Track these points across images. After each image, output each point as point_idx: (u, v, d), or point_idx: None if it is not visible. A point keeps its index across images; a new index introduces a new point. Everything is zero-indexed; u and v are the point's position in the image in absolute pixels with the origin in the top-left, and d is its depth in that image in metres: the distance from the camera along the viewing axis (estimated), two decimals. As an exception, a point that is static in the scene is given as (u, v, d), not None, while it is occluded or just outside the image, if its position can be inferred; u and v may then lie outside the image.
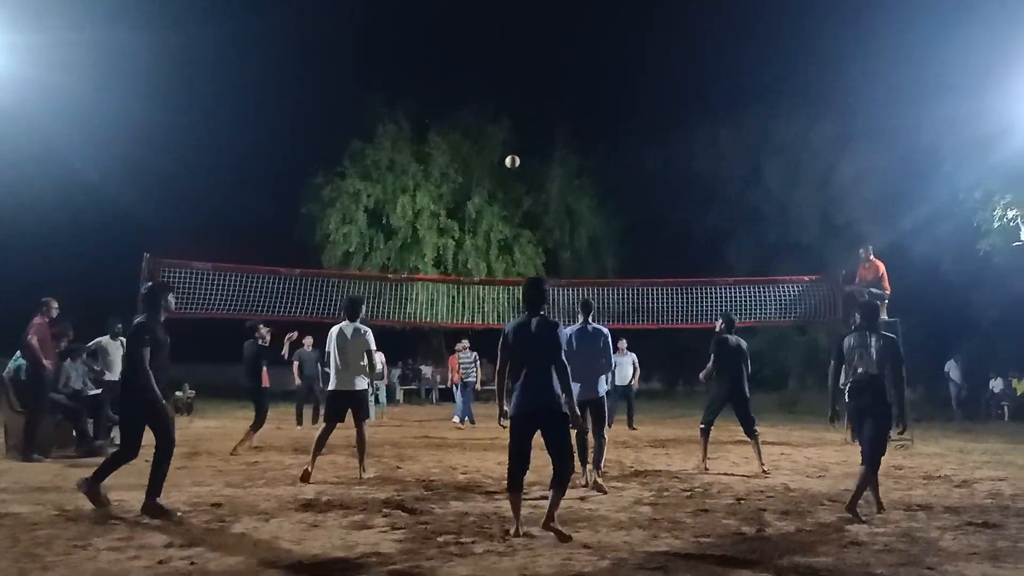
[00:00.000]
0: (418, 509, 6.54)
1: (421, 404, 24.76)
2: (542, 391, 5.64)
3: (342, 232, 24.97)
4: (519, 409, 5.68)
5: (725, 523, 6.18)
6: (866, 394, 6.60)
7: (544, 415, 5.66)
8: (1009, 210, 20.92)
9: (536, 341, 5.72)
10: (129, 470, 6.46)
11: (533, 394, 5.65)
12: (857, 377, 6.68)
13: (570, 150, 28.53)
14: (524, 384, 5.68)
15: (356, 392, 8.49)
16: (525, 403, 5.67)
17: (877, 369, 6.59)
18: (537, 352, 5.70)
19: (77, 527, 5.70)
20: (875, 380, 6.59)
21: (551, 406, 5.64)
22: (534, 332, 5.75)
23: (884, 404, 6.59)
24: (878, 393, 6.58)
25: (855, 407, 6.75)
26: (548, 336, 5.72)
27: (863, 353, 6.66)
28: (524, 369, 5.70)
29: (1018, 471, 9.42)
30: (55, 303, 10.11)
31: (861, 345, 6.71)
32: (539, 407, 5.65)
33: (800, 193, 30.30)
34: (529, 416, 5.67)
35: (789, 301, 14.19)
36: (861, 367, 6.65)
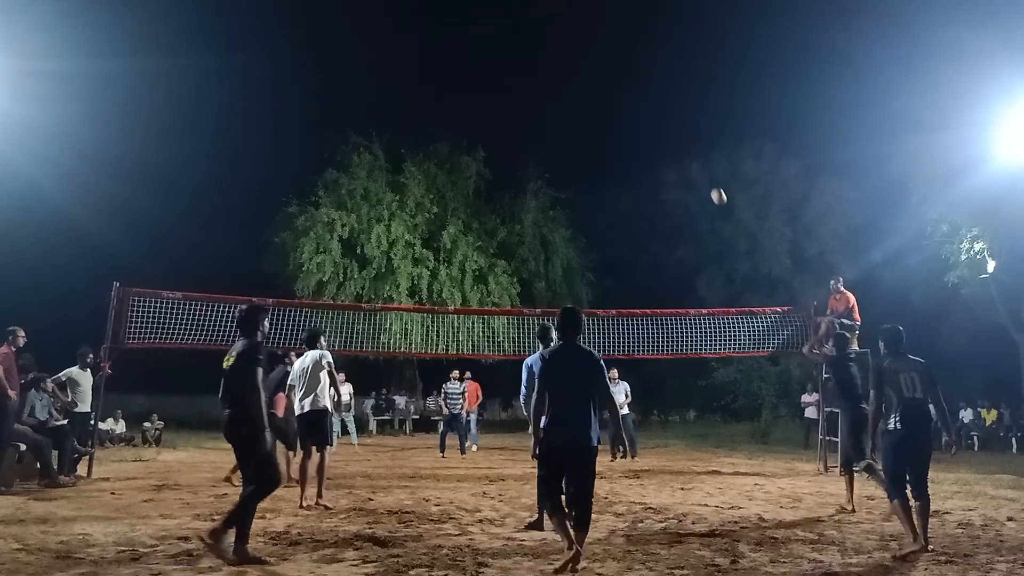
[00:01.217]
0: (390, 541, 6.46)
1: (395, 435, 24.56)
2: (580, 424, 5.48)
3: (316, 261, 24.84)
4: (555, 442, 5.55)
5: (699, 554, 6.15)
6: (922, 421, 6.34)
7: (579, 449, 5.50)
8: (976, 243, 21.32)
9: (576, 372, 5.59)
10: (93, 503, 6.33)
11: (571, 427, 5.49)
12: (907, 403, 6.32)
13: (544, 182, 28.69)
14: (561, 416, 5.52)
15: (318, 412, 8.55)
16: (563, 436, 5.52)
17: (923, 394, 6.38)
18: (577, 384, 5.57)
19: (39, 561, 5.56)
20: (924, 405, 6.39)
21: (587, 441, 5.48)
22: (574, 363, 5.63)
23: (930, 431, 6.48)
24: (929, 420, 6.42)
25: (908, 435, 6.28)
26: (590, 367, 5.62)
27: (908, 378, 6.38)
28: (563, 401, 5.54)
29: (988, 501, 9.48)
30: (22, 332, 9.94)
31: (905, 370, 6.43)
32: (576, 441, 5.49)
33: (770, 226, 30.68)
34: (568, 450, 5.54)
35: (763, 332, 14.26)
36: (908, 392, 6.34)
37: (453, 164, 28.12)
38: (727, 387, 29.22)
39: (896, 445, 6.34)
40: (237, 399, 5.89)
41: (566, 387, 5.57)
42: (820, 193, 30.45)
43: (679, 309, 15.16)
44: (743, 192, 30.89)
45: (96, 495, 9.13)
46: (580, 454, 5.51)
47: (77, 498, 8.86)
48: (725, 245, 31.23)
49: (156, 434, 18.07)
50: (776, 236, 30.70)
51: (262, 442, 5.84)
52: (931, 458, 6.41)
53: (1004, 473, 12.73)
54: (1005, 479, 11.91)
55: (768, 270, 30.65)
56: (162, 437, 18.19)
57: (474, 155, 28.14)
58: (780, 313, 14.56)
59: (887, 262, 26.55)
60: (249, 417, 5.84)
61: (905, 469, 6.33)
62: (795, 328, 14.22)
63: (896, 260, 26.07)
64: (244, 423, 5.85)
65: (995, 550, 6.35)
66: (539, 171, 28.63)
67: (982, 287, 22.53)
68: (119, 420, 17.97)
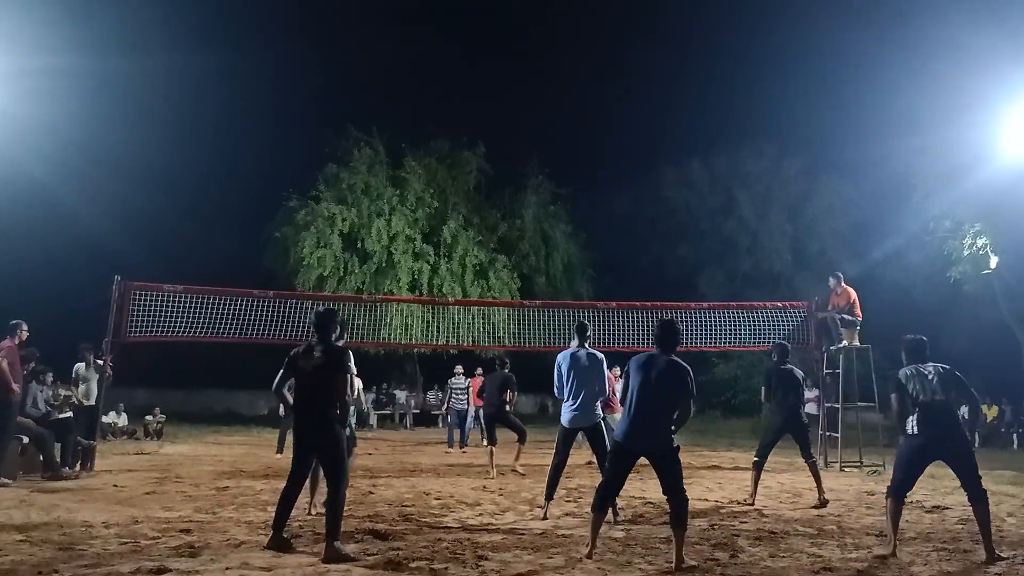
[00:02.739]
0: (391, 535, 6.48)
1: (395, 429, 24.58)
2: (652, 427, 5.76)
3: (316, 256, 24.81)
4: (625, 440, 5.82)
5: (698, 548, 6.18)
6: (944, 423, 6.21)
7: (652, 450, 5.79)
8: (978, 239, 21.29)
9: (663, 382, 5.80)
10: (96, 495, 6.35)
11: (645, 430, 5.76)
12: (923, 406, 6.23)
13: (545, 178, 28.65)
14: (636, 418, 5.77)
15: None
16: (632, 436, 5.79)
17: (944, 396, 6.29)
18: (662, 392, 5.79)
19: (43, 553, 5.59)
20: (947, 406, 6.28)
21: (660, 441, 5.76)
22: (664, 372, 5.83)
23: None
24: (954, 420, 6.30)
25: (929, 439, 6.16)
26: (679, 379, 5.84)
27: (924, 382, 6.33)
28: (643, 404, 5.78)
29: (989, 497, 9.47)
30: (25, 326, 9.97)
31: (921, 375, 6.40)
32: (646, 442, 5.78)
33: (771, 223, 30.65)
34: (634, 448, 5.83)
35: (763, 327, 14.26)
36: (925, 396, 6.25)
37: (454, 159, 28.09)
38: (727, 383, 29.22)
39: (912, 449, 6.23)
40: (325, 405, 5.95)
41: (654, 394, 5.82)
42: (821, 190, 30.44)
43: (679, 303, 15.15)
44: (744, 190, 30.92)
45: (99, 488, 9.16)
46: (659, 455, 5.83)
47: (80, 491, 8.89)
48: (726, 243, 31.20)
49: (158, 427, 18.10)
50: (777, 234, 30.67)
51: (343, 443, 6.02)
52: (973, 457, 6.22)
53: (1005, 469, 12.72)
54: (1006, 475, 11.91)
55: (769, 267, 30.62)
56: (164, 430, 18.22)
57: (475, 150, 28.09)
58: (780, 308, 14.55)
59: (889, 259, 26.55)
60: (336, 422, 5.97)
61: (911, 474, 6.22)
62: (796, 323, 14.23)
63: (898, 257, 26.07)
64: (330, 428, 5.92)
65: (995, 546, 6.35)
66: (540, 167, 28.61)
67: (984, 283, 22.51)
68: (121, 414, 18.01)
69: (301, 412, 6.00)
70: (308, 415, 5.96)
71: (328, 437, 5.92)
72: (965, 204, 21.06)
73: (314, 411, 5.94)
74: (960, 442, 6.22)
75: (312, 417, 5.94)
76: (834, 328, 13.51)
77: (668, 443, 5.74)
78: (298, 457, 6.05)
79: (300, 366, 6.02)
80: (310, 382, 5.97)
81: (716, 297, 26.70)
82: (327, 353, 6.02)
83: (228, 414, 26.24)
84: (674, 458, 5.77)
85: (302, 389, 6.03)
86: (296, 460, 6.06)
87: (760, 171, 30.96)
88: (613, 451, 5.99)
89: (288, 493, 6.01)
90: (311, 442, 5.99)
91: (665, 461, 5.76)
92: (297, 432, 6.07)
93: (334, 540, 5.65)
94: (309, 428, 5.96)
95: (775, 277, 30.35)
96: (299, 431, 6.05)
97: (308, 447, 6.02)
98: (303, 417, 5.98)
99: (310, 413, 5.95)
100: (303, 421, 5.99)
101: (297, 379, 6.07)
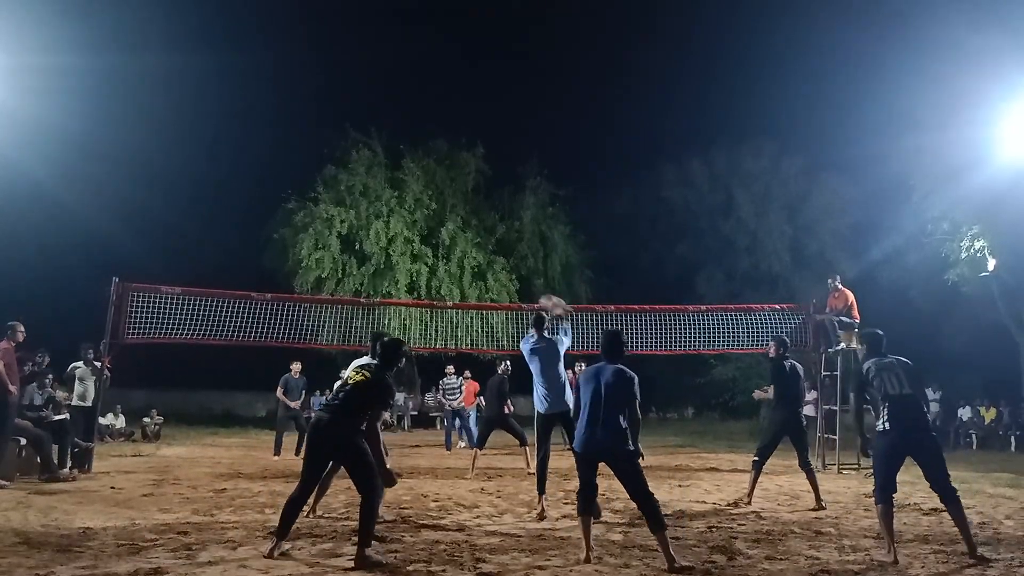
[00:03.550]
0: (388, 537, 6.48)
1: (393, 431, 24.57)
2: (607, 432, 5.87)
3: (314, 258, 24.81)
4: (582, 448, 6.00)
5: (696, 551, 6.17)
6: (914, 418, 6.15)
7: (608, 455, 5.92)
8: (976, 241, 21.30)
9: (611, 388, 5.94)
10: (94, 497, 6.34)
11: (599, 436, 5.90)
12: (892, 400, 6.17)
13: (543, 179, 28.65)
14: (590, 426, 5.94)
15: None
16: (588, 444, 5.95)
17: (912, 390, 6.21)
18: (611, 399, 5.92)
19: (40, 555, 5.58)
20: (915, 401, 6.21)
21: (615, 446, 5.87)
22: (611, 380, 5.97)
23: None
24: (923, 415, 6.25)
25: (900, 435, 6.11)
26: (625, 385, 5.97)
27: (892, 376, 6.23)
28: (595, 412, 5.94)
29: (986, 499, 9.50)
30: (21, 327, 9.95)
31: (887, 368, 6.30)
32: (602, 447, 5.91)
33: (770, 223, 30.65)
34: (592, 454, 6.00)
35: (761, 329, 14.25)
36: (893, 390, 6.18)
37: (452, 161, 28.07)
38: (725, 384, 29.23)
39: (886, 447, 6.15)
40: (355, 415, 5.88)
41: (601, 401, 5.98)
42: (820, 191, 30.44)
43: (678, 305, 15.14)
44: (743, 189, 30.90)
45: (96, 490, 9.15)
46: (613, 459, 5.95)
47: (77, 492, 8.88)
48: (725, 243, 31.19)
49: (156, 429, 18.09)
50: (776, 234, 30.66)
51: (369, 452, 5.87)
52: (941, 453, 6.16)
53: (1003, 472, 12.74)
54: (1004, 477, 11.92)
55: (768, 268, 30.61)
56: (162, 432, 18.21)
57: (473, 152, 28.07)
58: (779, 310, 14.55)
59: (887, 260, 26.56)
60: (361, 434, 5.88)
61: (892, 474, 6.13)
62: (795, 325, 14.22)
63: (896, 258, 26.07)
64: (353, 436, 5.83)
65: (992, 548, 6.36)
66: (538, 168, 28.60)
67: (982, 285, 22.52)
68: (119, 415, 17.99)
69: (321, 423, 5.87)
70: (334, 426, 5.84)
71: (353, 449, 5.80)
72: (963, 206, 21.08)
73: (340, 424, 5.83)
74: (929, 437, 6.20)
75: (336, 431, 5.83)
76: (832, 330, 13.51)
77: (623, 448, 5.85)
78: (312, 465, 5.93)
79: (348, 374, 6.12)
80: (347, 393, 5.92)
81: (715, 297, 26.73)
82: (377, 378, 6.01)
83: (226, 416, 26.25)
84: (633, 463, 5.86)
85: (337, 398, 5.97)
86: (309, 468, 5.92)
87: (759, 170, 30.96)
88: (576, 459, 6.15)
89: (296, 499, 5.91)
90: (333, 453, 6.02)
91: (624, 466, 5.86)
92: (312, 441, 5.97)
93: (364, 547, 5.58)
94: (331, 439, 5.86)
95: (774, 277, 30.35)
96: (316, 440, 5.94)
97: (328, 458, 6.09)
98: (322, 429, 5.86)
99: (337, 425, 5.83)
100: (327, 431, 5.85)
101: (342, 385, 6.13)
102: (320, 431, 5.86)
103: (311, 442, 6.00)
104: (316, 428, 5.91)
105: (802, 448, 8.94)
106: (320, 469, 6.04)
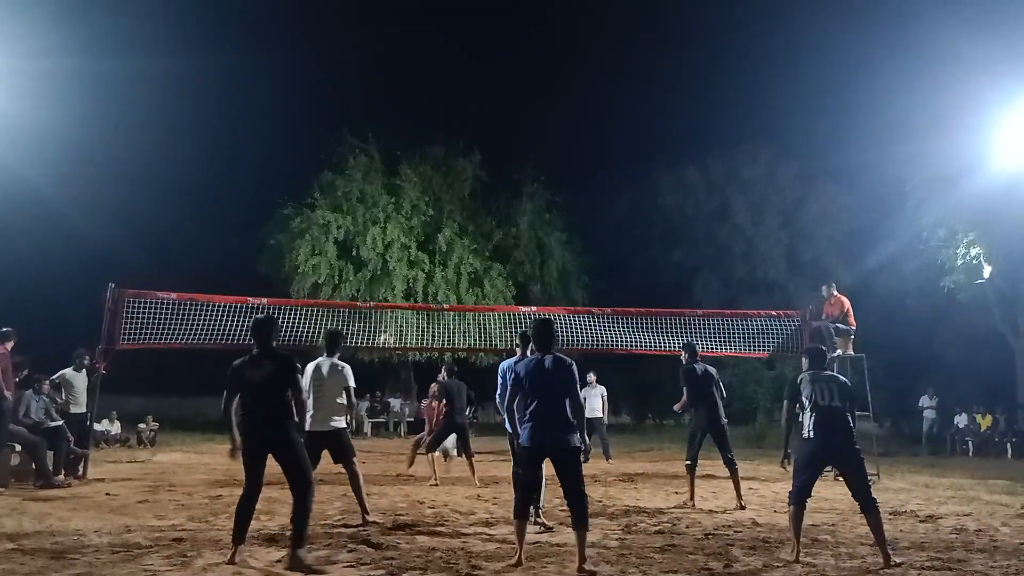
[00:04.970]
0: (384, 544, 6.46)
1: (389, 437, 24.52)
2: (555, 426, 5.81)
3: (311, 263, 24.82)
4: (532, 442, 5.84)
5: (693, 558, 6.16)
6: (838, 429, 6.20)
7: (556, 450, 5.82)
8: (972, 248, 21.36)
9: (550, 378, 5.87)
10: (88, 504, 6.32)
11: (546, 428, 5.81)
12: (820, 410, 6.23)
13: (540, 185, 28.69)
14: (538, 418, 5.83)
15: (332, 432, 7.82)
16: (539, 436, 5.82)
17: (840, 403, 6.29)
18: (551, 388, 5.86)
19: (34, 562, 5.56)
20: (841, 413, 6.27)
21: (564, 441, 5.78)
22: (548, 370, 5.89)
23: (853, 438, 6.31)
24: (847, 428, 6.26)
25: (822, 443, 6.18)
26: (563, 374, 5.89)
27: (823, 388, 6.32)
28: (536, 404, 5.86)
29: (983, 506, 9.49)
30: (15, 333, 9.93)
31: (821, 380, 6.40)
32: (551, 442, 5.81)
33: (767, 230, 30.71)
34: (541, 449, 5.86)
35: (758, 335, 14.27)
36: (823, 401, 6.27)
37: (449, 166, 28.11)
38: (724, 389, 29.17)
39: (809, 454, 6.27)
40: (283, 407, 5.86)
41: (543, 391, 5.90)
42: (817, 197, 30.51)
43: (674, 309, 15.15)
44: (740, 196, 30.97)
45: (91, 496, 9.13)
46: (559, 452, 5.84)
47: (72, 499, 8.85)
48: (721, 249, 31.24)
49: (151, 435, 18.04)
50: (772, 240, 30.72)
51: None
52: (863, 466, 6.22)
53: (999, 479, 12.74)
54: (1000, 484, 11.92)
55: (764, 274, 30.66)
56: (157, 438, 18.17)
57: (470, 157, 28.12)
58: (775, 316, 14.57)
59: (883, 267, 26.59)
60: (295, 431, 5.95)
61: (810, 478, 6.29)
62: (791, 331, 14.24)
63: (892, 265, 26.10)
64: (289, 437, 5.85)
65: (989, 556, 6.36)
66: (535, 174, 28.65)
67: (978, 292, 22.56)
68: (114, 421, 17.93)
69: (254, 424, 5.82)
70: (264, 427, 5.80)
71: (288, 446, 5.82)
72: (959, 213, 21.15)
73: (270, 422, 5.81)
74: (851, 450, 6.23)
75: (268, 429, 5.80)
76: (828, 337, 13.51)
77: (569, 442, 5.77)
78: (253, 469, 5.83)
79: (248, 376, 5.88)
80: (261, 392, 5.83)
81: (711, 303, 26.73)
82: (278, 362, 5.92)
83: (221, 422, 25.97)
84: (576, 459, 5.81)
85: (253, 396, 5.86)
86: (250, 472, 5.84)
87: (755, 177, 31.03)
88: (521, 456, 6.06)
89: (246, 505, 5.82)
90: (269, 451, 5.82)
91: (567, 461, 5.79)
92: (251, 444, 5.83)
93: (298, 548, 5.60)
94: (266, 440, 5.80)
95: (770, 283, 30.39)
96: (253, 443, 5.82)
97: (263, 458, 5.83)
98: (258, 429, 5.80)
99: (267, 425, 5.80)
100: (259, 432, 5.80)
101: (245, 388, 5.91)
102: (255, 434, 5.83)
103: (249, 447, 5.87)
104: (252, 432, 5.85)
105: (726, 448, 9.47)
106: (262, 471, 5.87)
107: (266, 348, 6.00)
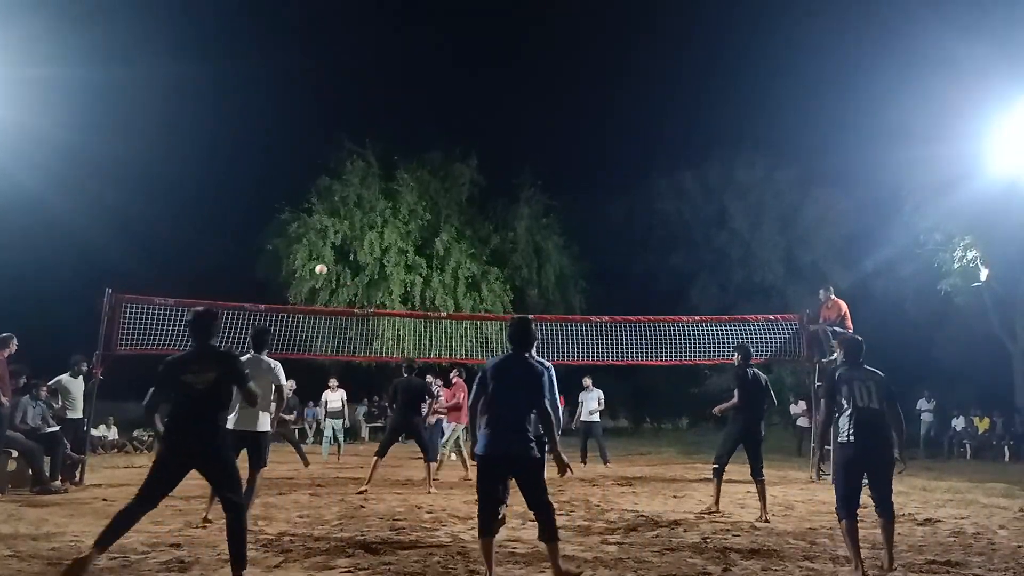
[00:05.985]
0: (382, 549, 6.45)
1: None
2: (513, 434, 5.24)
3: (308, 268, 24.82)
4: (487, 451, 5.29)
5: (691, 562, 6.16)
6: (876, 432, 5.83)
7: (514, 460, 5.28)
8: (969, 251, 21.40)
9: (517, 382, 5.34)
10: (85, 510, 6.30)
11: (503, 437, 5.25)
12: (860, 412, 5.84)
13: (537, 189, 28.67)
14: (496, 425, 5.28)
15: (256, 434, 7.59)
16: (493, 445, 5.27)
17: (879, 405, 5.88)
18: (515, 393, 5.31)
19: (31, 567, 5.55)
20: (879, 416, 5.87)
21: (522, 451, 5.23)
22: (516, 372, 5.38)
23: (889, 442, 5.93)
24: (885, 430, 5.90)
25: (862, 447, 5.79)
26: (533, 379, 5.32)
27: (863, 388, 5.92)
28: (496, 408, 5.31)
29: (980, 509, 9.50)
30: (14, 339, 9.93)
31: (860, 379, 5.97)
32: (508, 451, 5.26)
33: (764, 234, 30.74)
34: (497, 459, 5.28)
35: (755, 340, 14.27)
36: (862, 402, 5.87)
37: (446, 171, 28.09)
38: (720, 395, 29.10)
39: (848, 460, 5.87)
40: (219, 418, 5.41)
41: (507, 396, 5.35)
42: (814, 202, 30.52)
43: (672, 316, 15.17)
44: (737, 200, 31.00)
45: (88, 502, 9.10)
46: (519, 464, 5.30)
47: (69, 505, 8.83)
48: (719, 254, 31.28)
49: (148, 441, 18.01)
50: (770, 245, 30.74)
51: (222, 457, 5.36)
52: (892, 470, 5.89)
53: (996, 482, 12.75)
54: (997, 487, 11.93)
55: (762, 279, 30.67)
56: (154, 444, 18.12)
57: (467, 162, 28.10)
58: (773, 320, 14.58)
59: (880, 271, 26.61)
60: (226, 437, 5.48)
61: (856, 487, 5.85)
62: (788, 336, 14.25)
63: (889, 269, 26.12)
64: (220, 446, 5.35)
65: (987, 558, 6.37)
66: (533, 179, 28.62)
67: (975, 296, 22.61)
68: (111, 427, 17.92)
69: (184, 428, 5.27)
70: (196, 431, 5.26)
71: (220, 461, 5.28)
72: (956, 217, 21.19)
73: (204, 436, 5.26)
74: (885, 452, 5.88)
75: (201, 442, 5.25)
76: (825, 340, 13.53)
77: (527, 452, 5.20)
78: (167, 476, 5.24)
79: (186, 379, 5.27)
80: (201, 400, 5.26)
81: (709, 308, 26.78)
82: (225, 366, 5.42)
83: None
84: (537, 470, 5.26)
85: (189, 402, 5.27)
86: (162, 480, 5.23)
87: (753, 182, 31.06)
88: (478, 467, 5.42)
89: (130, 516, 5.15)
90: (195, 467, 5.24)
91: (528, 472, 5.25)
92: (176, 449, 5.25)
93: (242, 570, 5.11)
94: (196, 454, 5.24)
95: (768, 288, 30.40)
96: (179, 448, 5.26)
97: (182, 472, 5.24)
98: (186, 433, 5.27)
99: (200, 429, 5.26)
100: (186, 437, 5.26)
101: (180, 392, 5.30)
102: (181, 439, 5.31)
103: (172, 451, 5.30)
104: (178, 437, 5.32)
105: (758, 461, 8.87)
106: (177, 481, 5.29)
107: (206, 348, 5.47)
